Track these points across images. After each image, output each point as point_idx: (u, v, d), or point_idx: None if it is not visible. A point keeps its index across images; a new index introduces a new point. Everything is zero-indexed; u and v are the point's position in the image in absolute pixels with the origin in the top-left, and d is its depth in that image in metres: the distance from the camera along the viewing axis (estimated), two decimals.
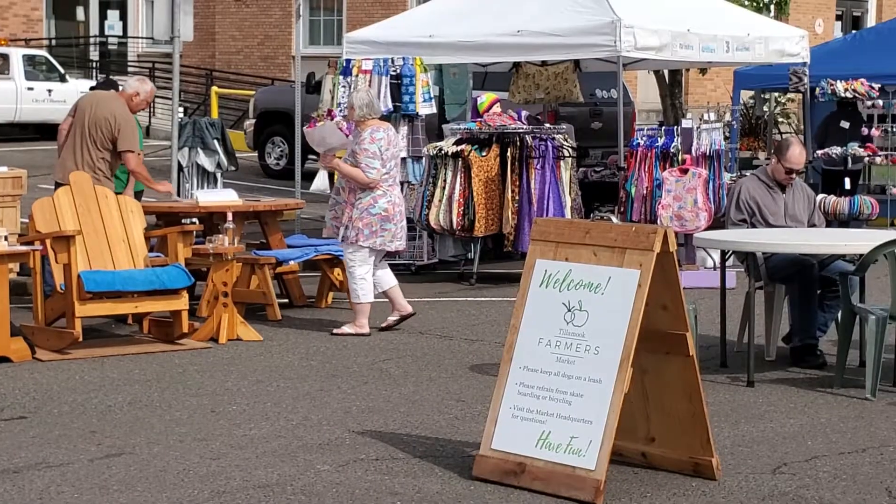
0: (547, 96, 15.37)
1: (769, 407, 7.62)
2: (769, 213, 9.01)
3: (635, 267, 5.92)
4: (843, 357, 8.07)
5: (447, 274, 13.08)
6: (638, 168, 13.00)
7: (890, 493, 5.99)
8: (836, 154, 16.12)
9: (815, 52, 16.36)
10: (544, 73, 15.21)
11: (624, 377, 5.82)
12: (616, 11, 12.81)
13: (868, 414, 7.42)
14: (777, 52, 14.74)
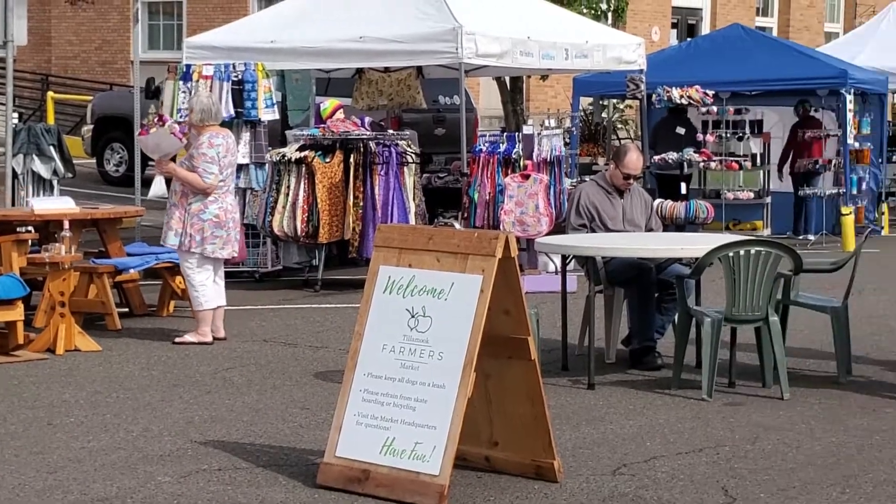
0: (390, 102, 15.40)
1: (609, 409, 7.75)
2: (608, 218, 9.16)
3: (478, 272, 5.96)
4: (679, 359, 8.25)
5: (291, 281, 13.01)
6: (480, 174, 13.12)
7: (726, 491, 6.13)
8: (673, 159, 16.48)
9: (652, 59, 16.70)
10: (387, 79, 15.24)
11: (467, 382, 5.86)
12: (457, 18, 12.90)
13: (704, 414, 7.60)
14: (615, 60, 15.01)
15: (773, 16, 30.02)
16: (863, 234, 9.81)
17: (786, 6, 29.82)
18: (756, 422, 7.42)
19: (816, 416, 7.54)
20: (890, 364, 9.01)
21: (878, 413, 7.61)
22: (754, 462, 6.60)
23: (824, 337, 9.22)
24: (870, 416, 7.55)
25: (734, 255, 7.90)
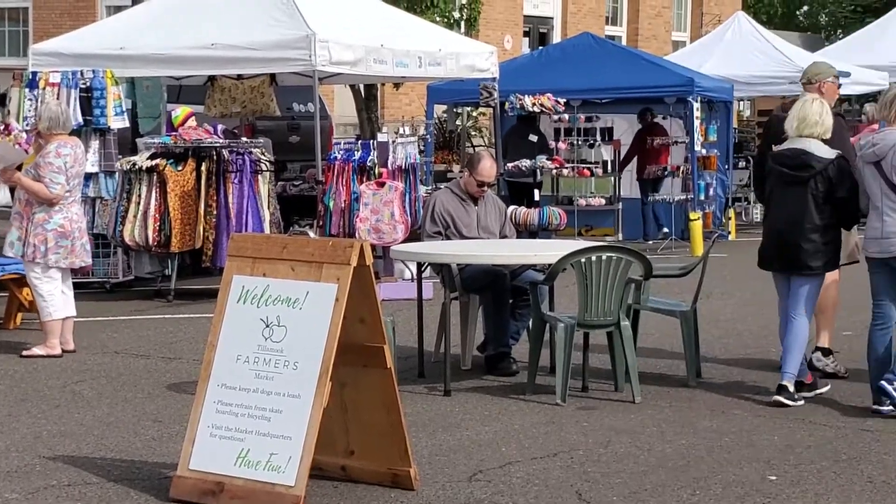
0: (243, 110, 15.27)
1: (465, 415, 7.79)
2: (463, 226, 9.21)
3: (333, 281, 5.94)
4: (534, 364, 8.33)
5: (143, 291, 12.81)
6: (336, 181, 13.09)
7: (580, 495, 6.21)
8: (525, 167, 16.64)
9: (504, 67, 16.85)
10: (240, 86, 15.10)
11: (323, 391, 5.83)
12: (310, 26, 12.85)
13: (558, 419, 7.68)
14: (468, 68, 15.10)
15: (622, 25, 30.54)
16: (711, 239, 10.02)
17: (634, 16, 30.37)
18: (609, 425, 7.53)
19: (667, 419, 7.68)
20: (738, 366, 9.23)
21: (726, 415, 7.78)
22: (607, 465, 6.69)
23: (674, 340, 9.40)
24: (719, 417, 7.72)
25: (586, 261, 8.01)
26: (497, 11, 26.74)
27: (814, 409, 7.86)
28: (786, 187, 7.93)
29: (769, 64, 19.83)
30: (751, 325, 10.98)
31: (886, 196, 7.58)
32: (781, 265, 8.05)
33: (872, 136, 7.80)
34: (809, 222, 7.81)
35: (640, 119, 18.34)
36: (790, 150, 7.93)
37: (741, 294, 12.89)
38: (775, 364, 9.13)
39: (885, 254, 7.63)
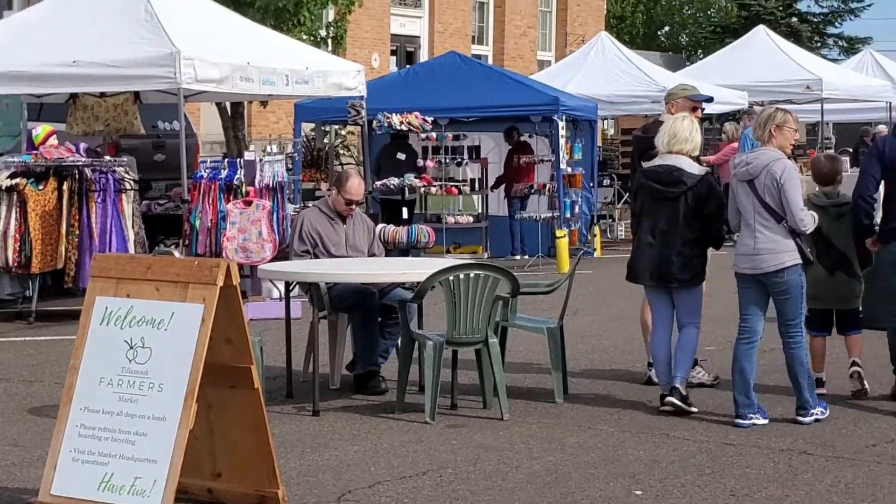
0: (107, 128, 15.01)
1: (334, 435, 7.75)
2: (331, 244, 9.18)
3: (199, 301, 5.87)
4: (403, 382, 8.33)
5: (4, 313, 12.53)
6: (202, 200, 12.96)
7: None
8: (394, 185, 16.66)
9: (372, 85, 16.87)
10: (103, 104, 14.85)
11: (189, 413, 5.75)
12: (175, 43, 12.70)
13: (427, 437, 7.69)
14: (335, 86, 15.07)
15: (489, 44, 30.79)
16: (576, 257, 10.14)
17: (500, 35, 30.63)
18: (477, 443, 7.56)
19: (535, 436, 7.73)
20: (604, 382, 9.34)
21: (593, 430, 7.87)
22: (476, 483, 6.71)
23: (542, 357, 9.47)
24: (585, 433, 7.80)
25: (454, 279, 8.03)
26: (364, 30, 26.77)
27: (677, 424, 7.98)
28: (657, 202, 8.16)
29: (632, 83, 20.18)
30: (616, 341, 11.12)
31: (759, 214, 7.77)
32: (652, 278, 8.25)
33: (746, 154, 8.01)
34: (679, 236, 8.06)
35: (507, 138, 18.52)
36: (661, 167, 8.15)
37: (607, 310, 13.06)
38: (641, 379, 9.28)
39: (756, 270, 7.82)
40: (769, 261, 7.77)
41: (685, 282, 8.15)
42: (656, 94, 19.28)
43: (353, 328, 8.98)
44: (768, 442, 7.52)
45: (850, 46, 43.51)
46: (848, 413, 8.24)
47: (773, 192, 7.74)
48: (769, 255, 7.77)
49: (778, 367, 8.59)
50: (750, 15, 42.03)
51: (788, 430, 7.80)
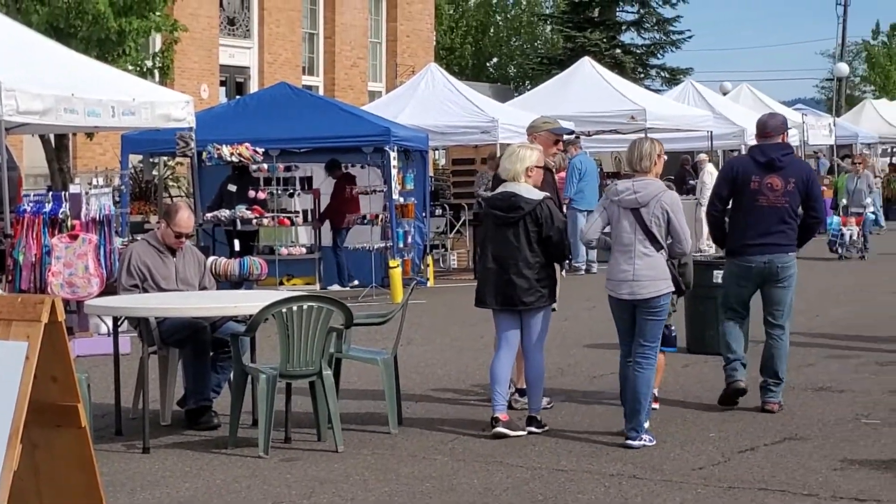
0: None
1: (165, 472, 7.61)
2: (161, 278, 9.04)
3: (22, 339, 5.70)
4: (236, 417, 8.23)
5: None
6: (26, 235, 12.64)
7: None
8: (225, 216, 16.51)
9: (201, 116, 16.69)
10: None
11: (13, 454, 5.58)
12: None
13: (261, 471, 7.61)
14: (163, 117, 14.86)
15: (319, 75, 30.77)
16: (410, 287, 10.19)
17: (331, 66, 30.65)
18: (312, 475, 7.50)
19: (370, 467, 7.71)
20: (438, 411, 9.37)
21: (427, 460, 7.88)
22: None
23: (376, 387, 9.47)
24: (420, 463, 7.81)
25: (287, 311, 7.99)
26: (192, 60, 26.50)
27: (510, 451, 8.05)
28: (499, 229, 8.42)
29: (462, 114, 20.37)
30: (450, 370, 11.18)
31: (640, 242, 8.07)
32: (498, 302, 8.45)
33: (632, 182, 8.20)
34: (522, 260, 8.32)
35: (330, 171, 18.51)
36: (501, 194, 8.45)
37: (441, 339, 13.12)
38: (475, 408, 9.35)
39: (635, 296, 8.09)
40: (648, 287, 8.06)
41: (531, 304, 8.36)
42: (486, 125, 19.54)
43: (184, 363, 8.85)
44: (599, 467, 7.63)
45: (673, 77, 44.65)
46: (675, 436, 8.42)
47: (661, 221, 8.07)
48: (649, 281, 8.06)
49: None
50: (575, 47, 42.85)
51: (618, 454, 7.94)
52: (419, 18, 33.46)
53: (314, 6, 30.50)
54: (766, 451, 7.99)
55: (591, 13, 45.58)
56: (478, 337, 12.67)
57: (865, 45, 62.27)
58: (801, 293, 16.85)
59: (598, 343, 12.46)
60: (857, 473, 7.40)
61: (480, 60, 53.45)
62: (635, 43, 45.93)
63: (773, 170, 9.06)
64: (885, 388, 10.04)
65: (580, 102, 22.59)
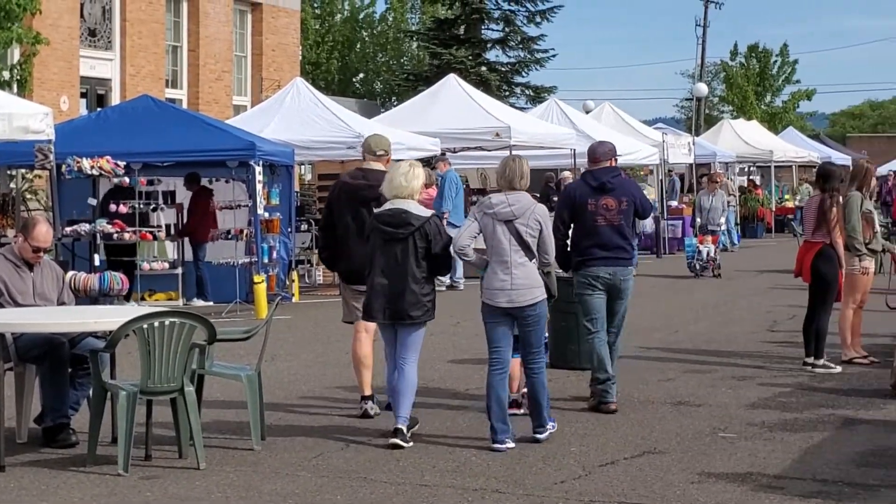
0: None
1: (21, 491, 7.45)
2: (17, 293, 8.86)
3: None
4: (94, 434, 8.08)
5: None
6: None
7: None
8: (85, 231, 16.22)
9: (61, 129, 16.40)
10: None
11: None
12: None
13: (121, 490, 7.48)
14: (21, 129, 14.57)
15: (183, 88, 30.43)
16: (274, 302, 10.13)
17: (195, 79, 30.32)
18: (172, 493, 7.41)
19: (232, 484, 7.64)
20: (302, 427, 9.32)
21: (291, 476, 7.84)
22: None
23: (239, 404, 9.39)
24: (283, 480, 7.76)
25: (148, 327, 7.88)
26: (52, 72, 25.99)
27: (374, 467, 8.05)
28: (387, 244, 8.65)
29: (328, 129, 20.30)
30: (315, 386, 11.13)
31: (516, 252, 8.52)
32: (386, 316, 8.68)
33: (505, 196, 8.62)
34: (410, 275, 8.59)
35: (189, 185, 18.32)
36: (390, 210, 8.68)
37: (306, 355, 13.06)
38: (339, 424, 9.33)
39: (513, 304, 8.51)
40: (525, 295, 8.51)
41: (416, 318, 8.63)
42: (352, 140, 19.50)
43: (41, 379, 8.67)
44: (462, 482, 7.67)
45: (537, 95, 45.15)
46: (538, 450, 8.50)
47: (534, 232, 8.54)
48: (525, 289, 8.52)
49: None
50: (441, 63, 43.08)
51: (482, 469, 7.99)
52: (285, 32, 33.31)
53: (178, 18, 30.17)
54: (625, 464, 8.12)
55: (457, 31, 45.89)
56: (343, 352, 12.61)
57: (724, 65, 63.74)
58: (661, 310, 17.24)
59: (463, 358, 12.53)
60: (713, 486, 7.56)
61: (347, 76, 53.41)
62: (500, 61, 46.38)
63: (605, 192, 9.88)
64: (742, 403, 10.27)
65: (446, 119, 22.68)
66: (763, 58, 61.81)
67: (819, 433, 9.07)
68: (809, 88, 62.10)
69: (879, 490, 7.46)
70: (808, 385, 11.13)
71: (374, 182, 9.31)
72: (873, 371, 11.69)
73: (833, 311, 12.07)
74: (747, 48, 62.51)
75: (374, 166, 9.71)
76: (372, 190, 9.26)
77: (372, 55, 54.40)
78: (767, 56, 61.82)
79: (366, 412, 9.52)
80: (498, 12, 45.78)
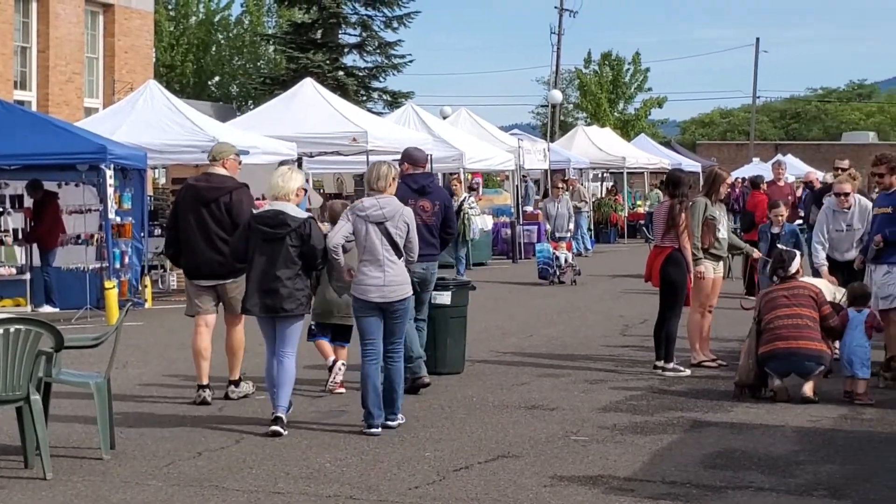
0: None
1: None
2: None
3: None
4: None
5: None
6: None
7: None
8: None
9: None
10: None
11: None
12: None
13: None
14: None
15: (32, 90, 29.74)
16: (125, 308, 9.94)
17: (44, 81, 29.67)
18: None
19: (79, 495, 7.48)
20: (153, 436, 9.17)
21: (141, 486, 7.70)
22: None
23: (88, 412, 9.20)
24: (133, 489, 7.62)
25: None
26: None
27: (227, 475, 7.96)
28: (265, 243, 9.32)
29: (182, 133, 20.03)
30: (167, 393, 10.96)
31: (387, 251, 9.18)
32: (262, 309, 9.31)
33: (376, 199, 9.29)
34: (286, 271, 9.26)
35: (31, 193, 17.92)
36: (269, 212, 9.37)
37: (157, 362, 12.86)
38: (191, 432, 9.20)
39: (385, 299, 9.16)
40: (398, 291, 9.21)
41: (291, 311, 9.26)
42: (206, 144, 19.27)
43: None
44: (316, 489, 7.62)
45: (394, 100, 45.21)
46: (392, 456, 8.50)
47: (402, 233, 9.22)
48: (397, 286, 9.21)
49: None
50: (298, 67, 42.90)
51: (335, 475, 7.95)
52: (138, 34, 32.78)
53: (27, 18, 29.49)
54: (479, 469, 8.16)
55: (314, 35, 45.74)
56: None
57: (578, 72, 64.66)
58: (516, 314, 17.39)
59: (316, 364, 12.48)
60: (565, 490, 7.63)
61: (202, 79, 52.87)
62: (358, 66, 46.35)
63: (424, 194, 10.93)
64: (594, 406, 10.40)
65: (302, 123, 22.58)
66: (616, 66, 62.90)
67: (668, 436, 9.23)
68: (661, 96, 63.47)
69: (726, 491, 7.61)
70: (659, 388, 11.32)
71: (216, 184, 10.31)
72: (721, 374, 11.94)
73: (683, 314, 12.30)
74: (601, 56, 63.57)
75: (217, 170, 10.49)
76: (213, 192, 10.26)
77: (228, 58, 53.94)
78: (620, 64, 62.93)
79: (204, 400, 10.25)
80: (355, 17, 45.76)
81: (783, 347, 10.48)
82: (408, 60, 46.42)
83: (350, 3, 45.44)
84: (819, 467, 8.25)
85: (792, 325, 10.54)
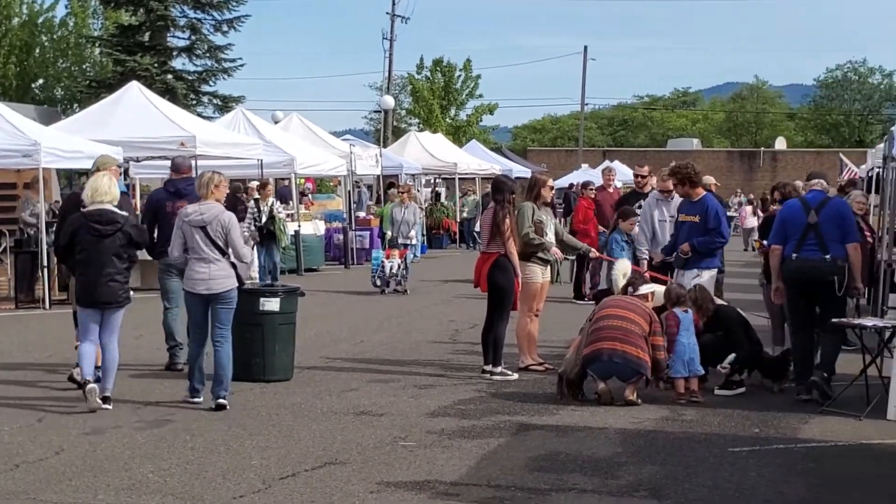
0: None
1: None
2: None
3: None
4: None
5: None
6: None
7: None
8: None
9: None
10: None
11: None
12: None
13: None
14: None
15: None
16: None
17: None
18: None
19: None
20: None
21: None
22: None
23: None
24: None
25: None
26: None
27: (44, 486, 7.74)
28: (96, 240, 10.34)
29: (3, 137, 19.46)
30: None
31: (210, 250, 10.44)
32: (96, 300, 10.33)
33: (199, 205, 10.59)
34: (114, 266, 10.37)
35: None
36: (98, 211, 10.36)
37: None
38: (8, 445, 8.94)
39: (210, 291, 10.43)
40: (222, 283, 10.47)
41: (120, 303, 10.41)
42: (27, 148, 18.80)
43: None
44: (138, 500, 7.44)
45: (225, 105, 44.64)
46: (217, 465, 8.37)
47: (221, 234, 10.47)
48: (222, 279, 10.47)
49: None
50: (125, 70, 42.10)
51: (158, 485, 7.79)
52: None
53: None
54: (306, 476, 8.09)
55: (142, 37, 44.94)
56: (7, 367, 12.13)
57: (410, 78, 64.88)
58: (347, 320, 17.34)
59: (145, 373, 12.26)
60: (392, 495, 7.62)
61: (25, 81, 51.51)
62: (187, 69, 45.66)
63: (181, 197, 12.29)
64: (423, 411, 10.42)
65: (129, 127, 22.14)
66: (447, 72, 63.32)
67: (495, 439, 9.30)
68: (492, 103, 64.12)
69: (550, 494, 7.70)
70: (487, 392, 11.41)
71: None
72: (548, 378, 12.08)
73: (512, 319, 12.42)
74: (433, 62, 63.92)
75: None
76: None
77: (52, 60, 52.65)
78: (452, 70, 63.37)
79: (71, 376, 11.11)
80: (184, 20, 45.09)
81: (608, 348, 10.64)
82: (238, 64, 45.95)
83: (178, 6, 44.77)
84: (641, 468, 8.41)
85: (619, 329, 10.72)
